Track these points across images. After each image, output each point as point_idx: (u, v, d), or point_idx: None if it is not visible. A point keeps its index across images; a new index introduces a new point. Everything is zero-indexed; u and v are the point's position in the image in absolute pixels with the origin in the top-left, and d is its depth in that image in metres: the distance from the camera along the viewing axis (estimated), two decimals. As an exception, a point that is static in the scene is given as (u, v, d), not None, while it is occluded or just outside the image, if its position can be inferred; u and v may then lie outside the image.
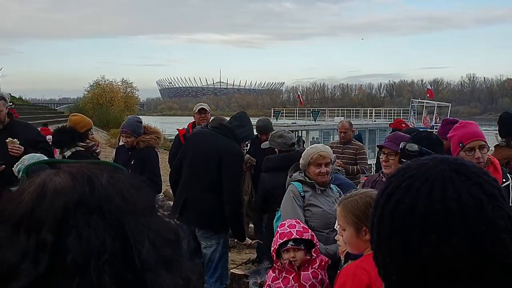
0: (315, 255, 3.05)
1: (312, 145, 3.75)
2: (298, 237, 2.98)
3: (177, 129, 6.32)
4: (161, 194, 7.02)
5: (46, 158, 3.50)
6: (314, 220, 3.43)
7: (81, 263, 0.63)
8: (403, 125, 8.27)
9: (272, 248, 3.08)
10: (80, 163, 0.76)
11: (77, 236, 0.64)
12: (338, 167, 4.53)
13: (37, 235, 0.63)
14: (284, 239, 2.99)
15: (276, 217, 3.68)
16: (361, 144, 7.00)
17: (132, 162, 4.57)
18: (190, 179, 4.26)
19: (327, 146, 3.78)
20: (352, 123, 6.97)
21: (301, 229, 3.05)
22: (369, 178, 4.27)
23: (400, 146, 2.65)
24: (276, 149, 4.39)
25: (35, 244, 0.63)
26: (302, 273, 3.00)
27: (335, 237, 2.63)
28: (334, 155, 4.47)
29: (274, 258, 3.07)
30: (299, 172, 3.59)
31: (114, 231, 0.66)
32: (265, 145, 4.78)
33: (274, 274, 3.08)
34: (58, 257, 0.63)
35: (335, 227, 2.68)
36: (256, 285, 4.76)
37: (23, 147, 4.12)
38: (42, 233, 0.63)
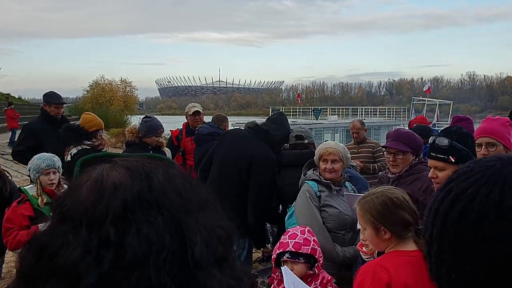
0: (316, 271, 2.77)
1: (326, 142, 3.68)
2: (293, 250, 2.72)
3: (170, 131, 6.01)
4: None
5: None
6: (330, 221, 3.34)
7: (140, 259, 0.61)
8: (415, 125, 7.27)
9: (272, 257, 2.89)
10: (134, 157, 0.74)
11: (136, 233, 0.62)
12: (353, 164, 4.47)
13: (98, 232, 0.62)
14: (280, 250, 2.77)
15: (288, 214, 3.60)
16: (377, 142, 6.84)
17: None
18: (218, 178, 4.06)
19: (340, 144, 3.67)
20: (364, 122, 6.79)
21: (301, 241, 2.75)
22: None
23: (429, 141, 2.61)
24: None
25: (97, 241, 0.61)
26: None
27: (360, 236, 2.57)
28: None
29: (273, 267, 2.87)
30: (314, 170, 3.51)
31: (172, 228, 0.64)
32: None
33: (273, 284, 2.84)
34: (119, 254, 0.61)
35: (357, 226, 2.62)
36: (265, 284, 4.70)
37: None
38: (104, 230, 0.62)
